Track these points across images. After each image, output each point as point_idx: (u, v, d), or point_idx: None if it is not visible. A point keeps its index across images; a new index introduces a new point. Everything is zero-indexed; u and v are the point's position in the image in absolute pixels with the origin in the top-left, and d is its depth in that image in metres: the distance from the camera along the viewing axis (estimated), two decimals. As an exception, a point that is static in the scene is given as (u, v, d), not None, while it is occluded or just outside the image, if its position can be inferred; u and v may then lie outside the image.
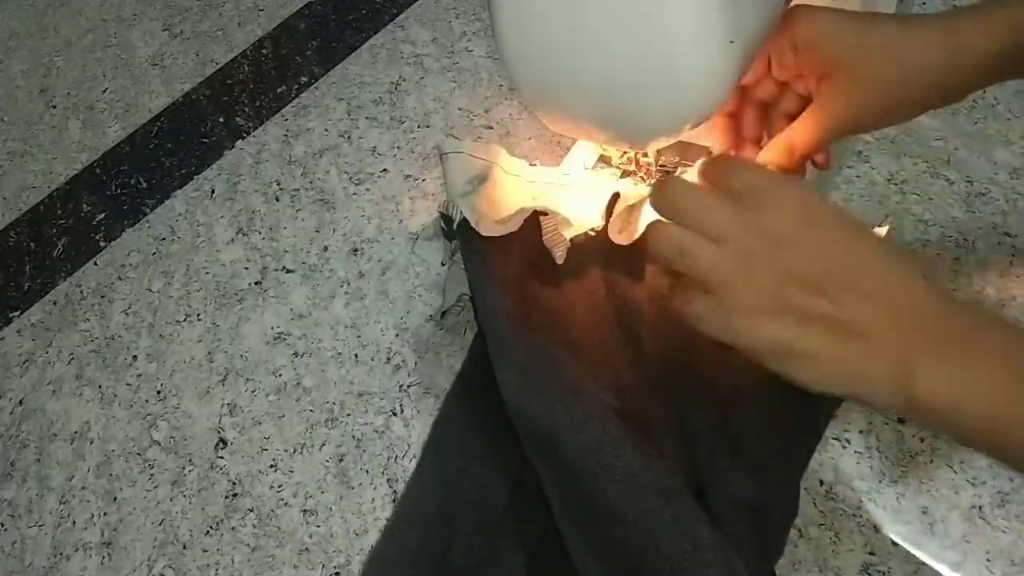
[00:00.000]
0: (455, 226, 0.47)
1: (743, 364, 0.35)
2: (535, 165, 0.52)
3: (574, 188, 0.50)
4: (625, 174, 0.51)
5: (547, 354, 0.44)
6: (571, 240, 0.46)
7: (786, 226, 0.34)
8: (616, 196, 0.46)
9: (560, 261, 0.45)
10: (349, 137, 0.71)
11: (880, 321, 0.32)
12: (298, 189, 0.68)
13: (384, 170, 0.67)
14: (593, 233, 0.47)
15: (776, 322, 0.33)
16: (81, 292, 0.68)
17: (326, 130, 0.72)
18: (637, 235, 0.46)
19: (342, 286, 0.62)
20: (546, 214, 0.47)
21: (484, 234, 0.45)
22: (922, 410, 0.32)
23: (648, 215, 0.46)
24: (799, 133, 0.40)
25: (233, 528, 0.53)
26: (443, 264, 0.56)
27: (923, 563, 0.43)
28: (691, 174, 0.40)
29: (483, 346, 0.45)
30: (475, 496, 0.46)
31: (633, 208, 0.47)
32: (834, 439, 0.47)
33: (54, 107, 0.83)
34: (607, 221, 0.46)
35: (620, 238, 0.46)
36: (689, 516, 0.39)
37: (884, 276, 0.33)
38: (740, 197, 0.35)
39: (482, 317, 0.46)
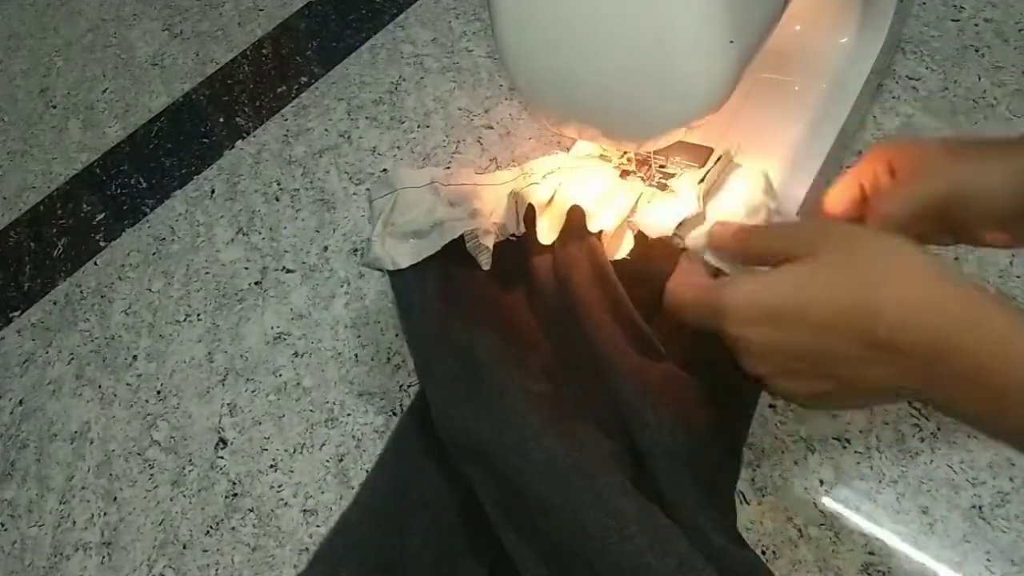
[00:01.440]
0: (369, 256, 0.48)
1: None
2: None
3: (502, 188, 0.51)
4: (625, 174, 0.51)
5: (472, 355, 0.45)
6: (493, 246, 0.47)
7: (761, 337, 0.36)
8: (530, 207, 0.47)
9: (486, 267, 0.47)
10: (349, 137, 0.71)
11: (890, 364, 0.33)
12: (298, 189, 0.68)
13: (384, 170, 0.67)
14: (515, 238, 0.48)
15: (790, 382, 0.36)
16: (81, 292, 0.68)
17: (326, 130, 0.72)
18: (620, 254, 0.48)
19: (342, 286, 0.62)
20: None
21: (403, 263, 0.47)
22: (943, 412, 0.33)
23: (628, 236, 0.47)
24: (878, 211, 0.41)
25: (233, 528, 0.53)
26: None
27: (923, 563, 0.43)
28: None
29: None
30: (429, 498, 0.46)
31: (619, 228, 0.48)
32: (834, 439, 0.47)
33: (54, 107, 0.83)
34: (526, 227, 0.48)
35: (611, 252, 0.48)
36: (614, 492, 0.40)
37: (844, 327, 0.34)
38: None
39: (408, 338, 0.47)
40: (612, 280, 0.46)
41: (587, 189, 0.49)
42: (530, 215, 0.48)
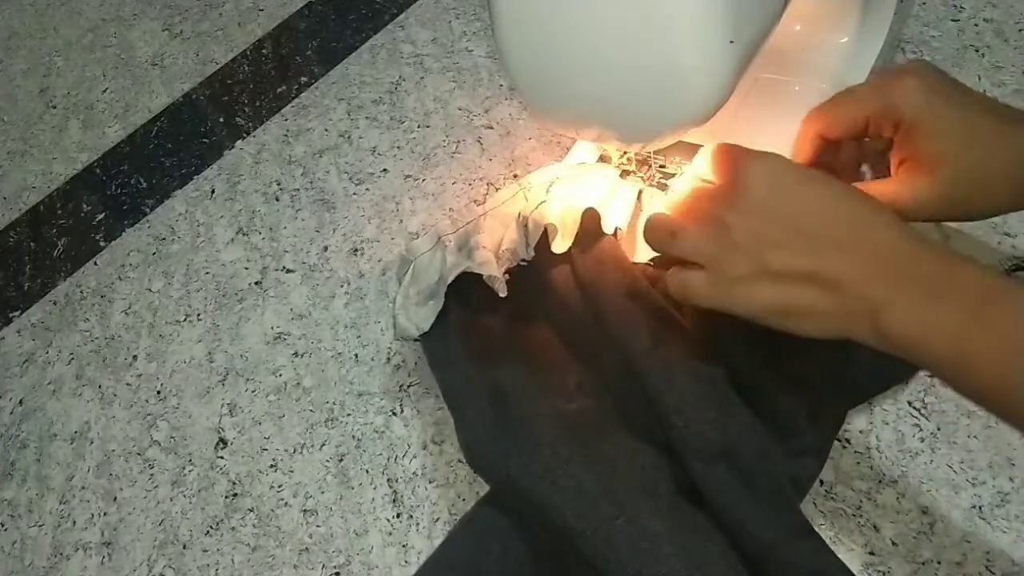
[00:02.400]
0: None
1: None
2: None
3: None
4: (625, 174, 0.51)
5: (501, 393, 0.46)
6: (507, 271, 0.47)
7: (757, 195, 0.36)
8: (547, 229, 0.48)
9: (503, 294, 0.47)
10: (349, 137, 0.71)
11: (852, 267, 0.34)
12: (298, 189, 0.68)
13: (384, 170, 0.67)
14: (525, 263, 0.48)
15: (765, 285, 0.36)
16: (81, 292, 0.68)
17: (326, 130, 0.72)
18: (639, 255, 0.48)
19: (342, 286, 0.62)
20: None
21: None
22: (895, 345, 0.33)
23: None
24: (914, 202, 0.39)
25: (233, 528, 0.53)
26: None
27: (923, 563, 0.43)
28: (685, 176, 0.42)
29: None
30: (503, 548, 0.45)
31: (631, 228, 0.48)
32: (834, 439, 0.47)
33: (54, 107, 0.83)
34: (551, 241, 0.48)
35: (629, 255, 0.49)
36: (645, 513, 0.40)
37: (854, 225, 0.35)
38: (720, 181, 0.38)
39: (444, 395, 0.48)
40: (634, 274, 0.46)
41: (589, 195, 0.49)
42: (545, 236, 0.48)
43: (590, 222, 0.47)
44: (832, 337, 0.36)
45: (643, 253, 0.49)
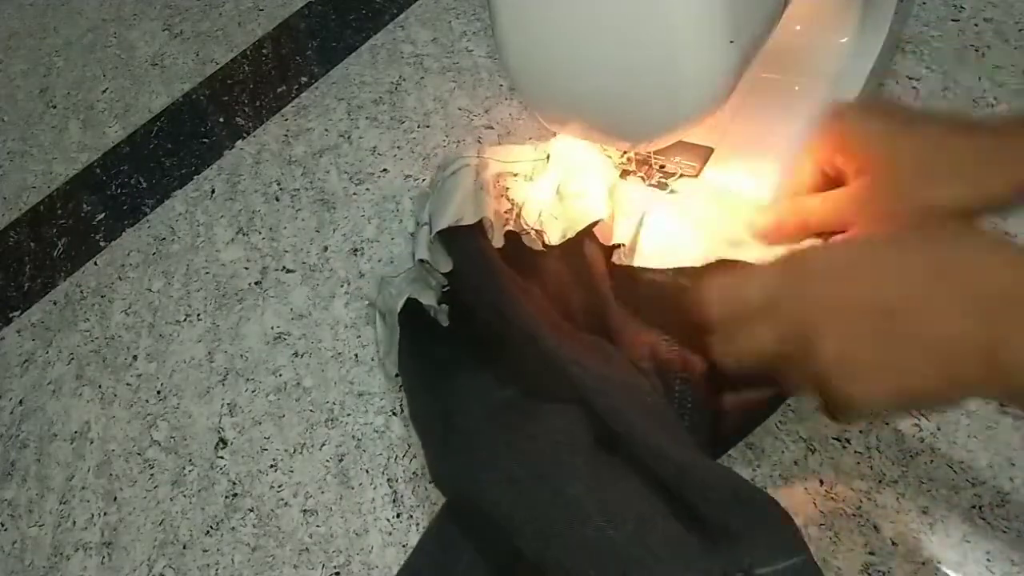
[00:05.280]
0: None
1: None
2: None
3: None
4: (625, 174, 0.51)
5: (446, 409, 0.47)
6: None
7: (836, 262, 0.35)
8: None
9: (445, 324, 0.50)
10: (349, 137, 0.71)
11: (965, 315, 0.31)
12: (298, 189, 0.68)
13: (384, 170, 0.67)
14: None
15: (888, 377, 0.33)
16: (81, 292, 0.68)
17: (326, 130, 0.72)
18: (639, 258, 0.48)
19: (342, 286, 0.62)
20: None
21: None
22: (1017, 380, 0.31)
23: (646, 234, 0.47)
24: (821, 212, 0.41)
25: (233, 528, 0.53)
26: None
27: (923, 563, 0.43)
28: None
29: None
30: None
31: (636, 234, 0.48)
32: (834, 439, 0.47)
33: (54, 107, 0.83)
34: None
35: (625, 258, 0.48)
36: (569, 482, 0.40)
37: (972, 272, 0.32)
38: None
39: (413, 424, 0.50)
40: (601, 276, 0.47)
41: (592, 188, 0.49)
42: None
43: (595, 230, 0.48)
44: (929, 392, 0.33)
45: (645, 259, 0.48)
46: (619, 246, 0.48)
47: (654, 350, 0.46)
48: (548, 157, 0.52)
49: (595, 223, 0.47)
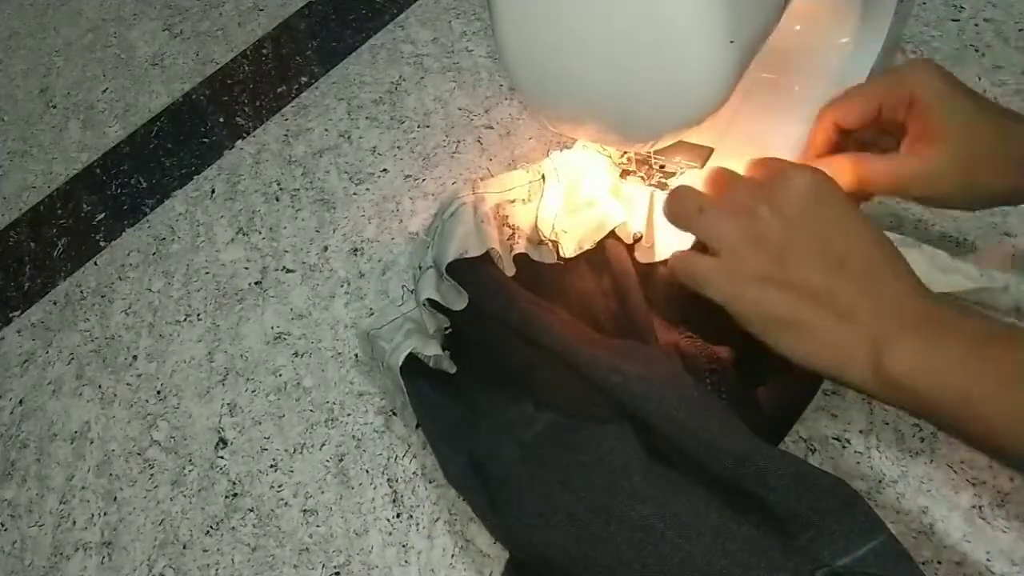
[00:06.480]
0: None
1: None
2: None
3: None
4: (625, 174, 0.51)
5: (473, 456, 0.46)
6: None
7: (797, 200, 0.36)
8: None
9: (452, 371, 0.50)
10: (349, 137, 0.71)
11: (866, 304, 0.34)
12: (298, 189, 0.68)
13: (384, 170, 0.67)
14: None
15: (775, 291, 0.36)
16: (81, 292, 0.68)
17: (326, 130, 0.72)
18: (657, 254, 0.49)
19: (342, 286, 0.62)
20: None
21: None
22: (893, 385, 0.33)
23: (661, 230, 0.48)
24: (875, 171, 0.40)
25: (233, 528, 0.53)
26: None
27: (923, 563, 0.43)
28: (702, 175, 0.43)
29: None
30: None
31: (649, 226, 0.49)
32: (834, 439, 0.47)
33: (54, 107, 0.83)
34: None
35: (641, 255, 0.49)
36: (632, 508, 0.39)
37: (876, 265, 0.35)
38: (762, 178, 0.38)
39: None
40: (631, 274, 0.47)
41: (595, 190, 0.49)
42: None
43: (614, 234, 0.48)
44: (818, 368, 0.35)
45: (663, 251, 0.49)
46: (639, 240, 0.48)
47: (679, 348, 0.46)
48: (543, 177, 0.52)
49: (617, 226, 0.48)
